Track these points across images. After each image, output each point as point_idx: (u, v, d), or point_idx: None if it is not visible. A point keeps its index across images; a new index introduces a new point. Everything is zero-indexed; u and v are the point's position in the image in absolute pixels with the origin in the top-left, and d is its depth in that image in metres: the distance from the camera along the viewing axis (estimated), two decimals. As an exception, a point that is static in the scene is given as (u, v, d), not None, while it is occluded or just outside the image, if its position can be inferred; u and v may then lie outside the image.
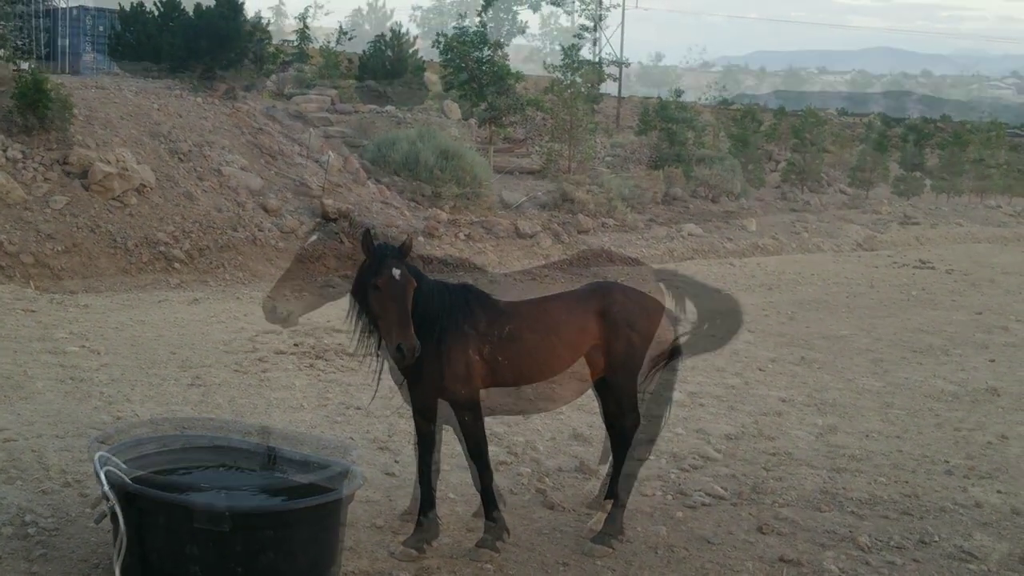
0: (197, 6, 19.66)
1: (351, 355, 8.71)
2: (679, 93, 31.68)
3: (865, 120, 34.30)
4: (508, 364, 5.04)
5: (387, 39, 28.78)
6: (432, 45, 26.25)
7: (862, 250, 18.79)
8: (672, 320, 5.54)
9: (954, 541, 5.42)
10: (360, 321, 4.95)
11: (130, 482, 4.18)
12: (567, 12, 35.31)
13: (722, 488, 6.07)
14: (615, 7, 37.61)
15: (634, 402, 5.45)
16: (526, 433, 6.94)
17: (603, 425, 5.76)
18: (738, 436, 7.17)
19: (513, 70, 25.48)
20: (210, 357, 8.63)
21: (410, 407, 5.18)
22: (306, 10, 34.10)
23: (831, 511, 5.80)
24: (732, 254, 18.33)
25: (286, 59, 28.73)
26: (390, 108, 22.34)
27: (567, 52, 25.29)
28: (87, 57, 22.22)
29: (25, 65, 15.45)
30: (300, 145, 18.21)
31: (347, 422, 7.03)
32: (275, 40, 30.30)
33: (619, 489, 5.53)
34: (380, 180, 18.20)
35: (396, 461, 6.24)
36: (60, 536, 4.86)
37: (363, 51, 28.67)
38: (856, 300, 13.25)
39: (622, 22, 39.71)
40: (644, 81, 32.06)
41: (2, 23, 16.57)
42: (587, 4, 34.82)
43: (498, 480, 5.38)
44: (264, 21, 31.17)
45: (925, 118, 34.70)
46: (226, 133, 17.06)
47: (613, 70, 34.16)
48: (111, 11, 21.31)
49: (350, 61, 28.80)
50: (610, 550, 5.12)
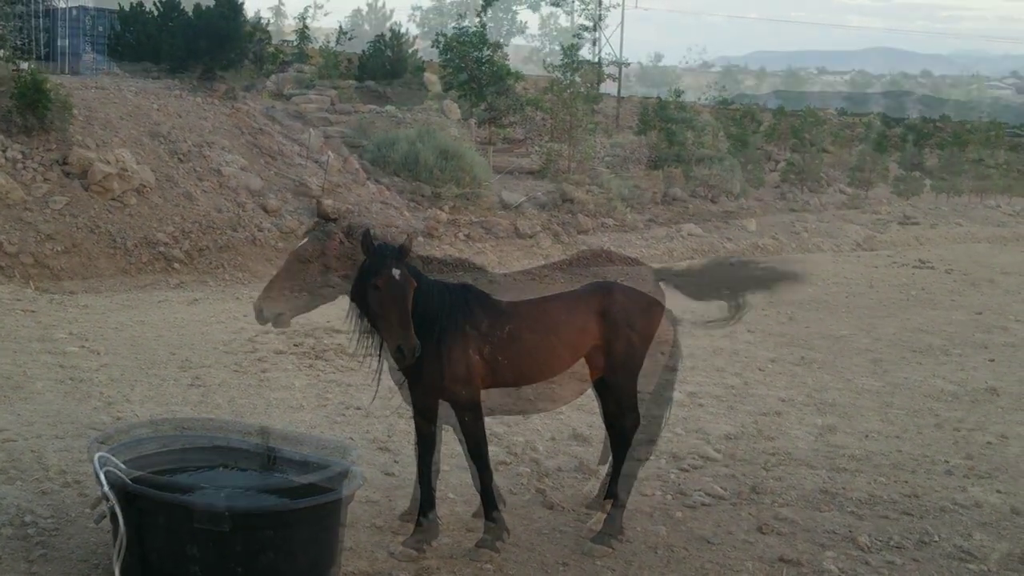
0: (197, 6, 19.67)
1: (351, 355, 8.72)
2: (679, 93, 31.66)
3: (865, 120, 34.25)
4: (508, 364, 5.04)
5: (387, 39, 28.78)
6: (432, 45, 26.25)
7: (861, 250, 18.79)
8: (672, 320, 5.55)
9: (954, 541, 5.42)
10: (360, 321, 4.95)
11: (130, 482, 4.18)
12: (567, 12, 35.33)
13: (722, 488, 6.07)
14: (615, 7, 37.61)
15: (634, 402, 5.45)
16: (526, 433, 6.94)
17: (603, 425, 5.77)
18: (738, 436, 7.17)
19: (513, 70, 25.48)
20: (210, 357, 8.64)
21: (410, 407, 5.18)
22: (305, 10, 34.08)
23: (831, 511, 5.80)
24: (732, 254, 18.33)
25: (286, 59, 28.73)
26: (390, 108, 22.33)
27: (567, 52, 25.28)
28: (87, 57, 22.22)
29: (25, 65, 15.43)
30: (300, 145, 18.21)
31: (347, 422, 7.04)
32: (275, 40, 30.32)
33: (619, 489, 5.53)
34: (380, 180, 18.20)
35: (396, 461, 6.25)
36: (60, 537, 4.86)
37: (363, 51, 28.67)
38: (856, 300, 13.25)
39: (622, 22, 39.73)
40: (644, 81, 32.01)
41: (1, 23, 16.56)
42: (586, 4, 34.80)
43: (498, 480, 5.38)
44: (264, 21, 31.22)
45: (925, 118, 34.66)
46: (226, 133, 17.06)
47: (613, 70, 34.14)
48: (111, 11, 21.31)
49: (350, 61, 28.79)
50: (610, 550, 5.12)
